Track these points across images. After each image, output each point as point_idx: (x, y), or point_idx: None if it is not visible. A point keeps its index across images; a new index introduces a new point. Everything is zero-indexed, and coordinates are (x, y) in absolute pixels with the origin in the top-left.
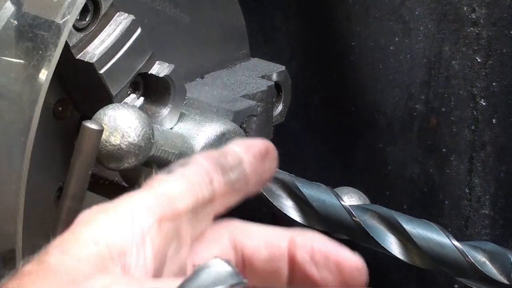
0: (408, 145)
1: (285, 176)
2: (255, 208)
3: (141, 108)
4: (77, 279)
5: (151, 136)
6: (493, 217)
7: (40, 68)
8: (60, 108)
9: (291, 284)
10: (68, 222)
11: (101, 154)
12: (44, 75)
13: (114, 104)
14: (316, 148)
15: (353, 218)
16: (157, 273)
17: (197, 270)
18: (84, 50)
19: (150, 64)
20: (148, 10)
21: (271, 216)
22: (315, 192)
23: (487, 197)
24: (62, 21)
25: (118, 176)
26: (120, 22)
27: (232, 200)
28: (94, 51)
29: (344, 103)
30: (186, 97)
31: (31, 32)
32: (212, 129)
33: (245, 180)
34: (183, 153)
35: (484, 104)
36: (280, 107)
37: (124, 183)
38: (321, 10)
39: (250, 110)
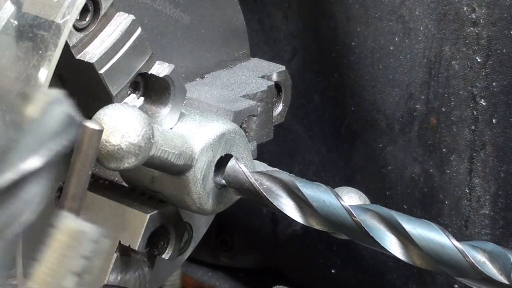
0: (408, 145)
1: (285, 176)
2: (255, 208)
3: (141, 108)
4: None
5: (151, 136)
6: (493, 217)
7: (40, 68)
8: None
9: None
10: None
11: (101, 154)
12: (44, 75)
13: (114, 104)
14: (316, 148)
15: (353, 218)
16: None
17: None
18: (84, 50)
19: (150, 64)
20: (148, 10)
21: (271, 216)
22: (315, 192)
23: (487, 197)
24: (62, 21)
25: (118, 176)
26: (120, 22)
27: None
28: (94, 51)
29: (344, 103)
30: (186, 97)
31: (31, 32)
32: (212, 129)
33: None
34: (183, 153)
35: (484, 104)
36: (280, 107)
37: (124, 183)
38: (321, 10)
39: (250, 110)
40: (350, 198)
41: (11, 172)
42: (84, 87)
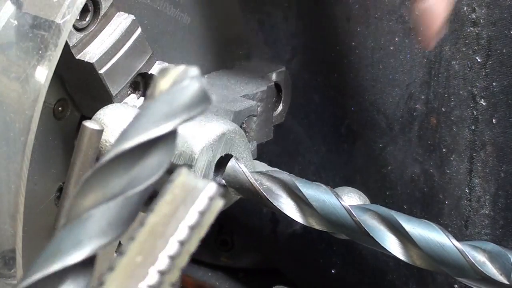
0: (408, 145)
1: (285, 176)
2: (255, 208)
3: None
4: None
5: None
6: (493, 217)
7: (40, 68)
8: (60, 108)
9: None
10: None
11: (101, 154)
12: (44, 75)
13: (114, 104)
14: (316, 148)
15: (353, 218)
16: None
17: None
18: (84, 50)
19: (150, 64)
20: (148, 10)
21: (271, 216)
22: (315, 192)
23: (487, 197)
24: (62, 21)
25: None
26: (120, 22)
27: None
28: (94, 51)
29: (344, 103)
30: None
31: (31, 32)
32: (212, 129)
33: None
34: (183, 153)
35: (484, 104)
36: (280, 107)
37: None
38: (321, 10)
39: (250, 110)
40: (350, 198)
41: (141, 135)
42: (84, 87)
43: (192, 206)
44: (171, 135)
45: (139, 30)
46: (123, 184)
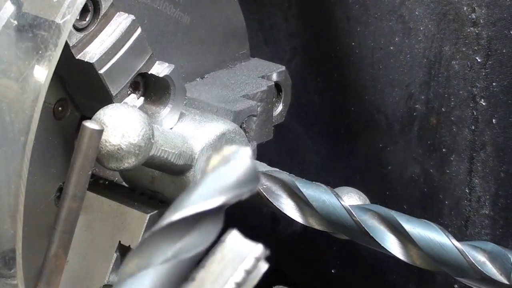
0: (408, 145)
1: (285, 176)
2: (255, 208)
3: (141, 108)
4: None
5: (151, 136)
6: (493, 217)
7: (40, 68)
8: (60, 108)
9: None
10: (68, 222)
11: (101, 154)
12: (44, 75)
13: (114, 104)
14: (316, 148)
15: (353, 218)
16: None
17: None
18: (84, 50)
19: (150, 64)
20: (148, 10)
21: (271, 216)
22: (315, 192)
23: (487, 197)
24: (62, 21)
25: (118, 176)
26: (120, 22)
27: None
28: (94, 51)
29: (344, 103)
30: (186, 97)
31: (31, 32)
32: (212, 129)
33: None
34: (183, 153)
35: (484, 104)
36: (280, 107)
37: (124, 183)
38: (321, 10)
39: (250, 110)
40: (350, 198)
41: (192, 207)
42: (84, 87)
43: (240, 265)
44: (220, 210)
45: (139, 30)
46: (175, 250)
